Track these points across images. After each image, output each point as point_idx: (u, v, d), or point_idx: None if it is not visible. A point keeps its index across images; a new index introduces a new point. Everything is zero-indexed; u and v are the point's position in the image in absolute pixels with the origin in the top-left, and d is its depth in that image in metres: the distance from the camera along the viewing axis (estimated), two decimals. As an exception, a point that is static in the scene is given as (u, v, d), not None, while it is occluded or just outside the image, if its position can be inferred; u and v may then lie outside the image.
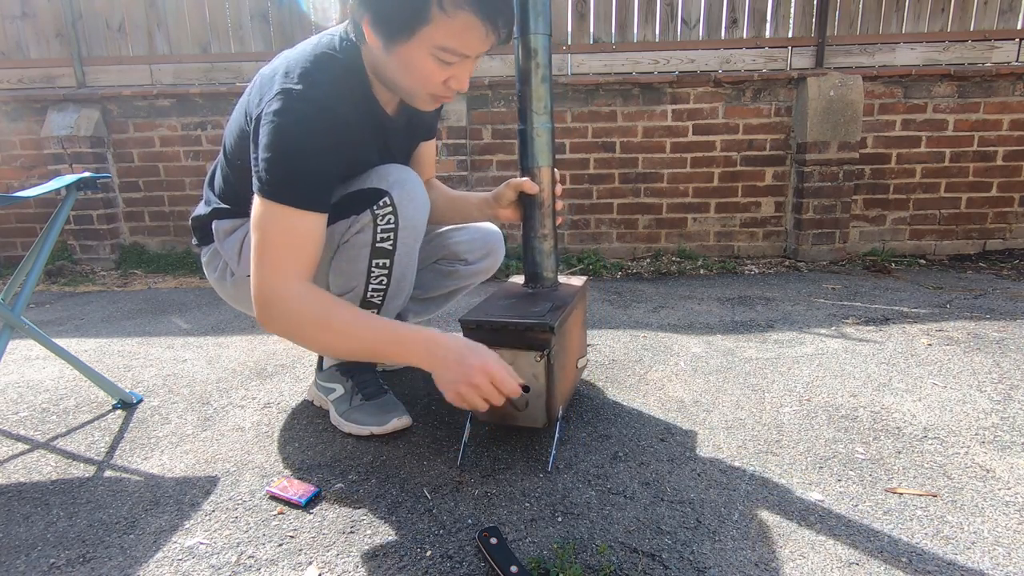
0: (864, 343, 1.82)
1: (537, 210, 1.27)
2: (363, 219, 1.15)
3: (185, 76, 3.24)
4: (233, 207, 1.27)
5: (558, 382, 1.16)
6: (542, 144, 1.23)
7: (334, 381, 1.35)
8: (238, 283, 1.31)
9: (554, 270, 1.33)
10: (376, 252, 1.18)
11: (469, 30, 1.00)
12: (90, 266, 3.27)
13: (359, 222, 1.16)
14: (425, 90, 1.09)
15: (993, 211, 3.18)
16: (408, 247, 1.21)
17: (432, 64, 1.04)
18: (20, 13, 3.19)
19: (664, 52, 3.14)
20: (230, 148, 1.22)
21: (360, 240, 1.17)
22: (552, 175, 1.27)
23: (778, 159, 3.16)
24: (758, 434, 1.27)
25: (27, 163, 3.28)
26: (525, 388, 1.11)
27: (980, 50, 3.08)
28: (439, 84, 1.07)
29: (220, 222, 1.30)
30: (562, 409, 1.20)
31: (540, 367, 1.10)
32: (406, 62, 1.05)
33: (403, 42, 1.02)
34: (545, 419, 1.14)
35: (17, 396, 1.56)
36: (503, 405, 1.13)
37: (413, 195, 1.18)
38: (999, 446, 1.20)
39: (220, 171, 1.29)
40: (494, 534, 0.92)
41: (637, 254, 3.30)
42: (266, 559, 0.91)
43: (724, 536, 0.94)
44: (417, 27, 1.00)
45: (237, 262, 1.28)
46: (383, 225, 1.16)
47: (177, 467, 1.19)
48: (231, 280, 1.33)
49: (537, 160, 1.24)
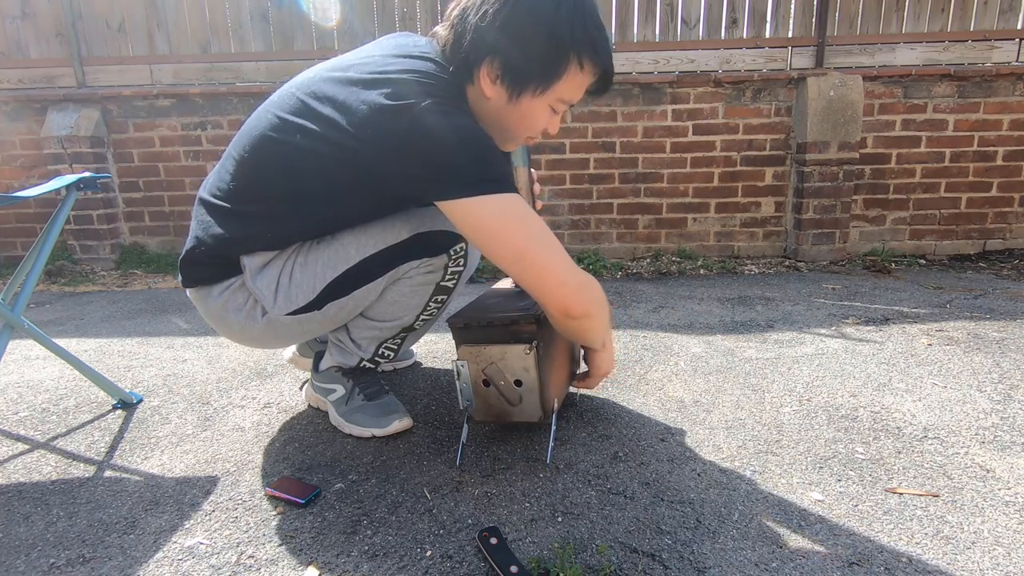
0: (864, 343, 1.82)
1: None
2: (437, 262, 1.15)
3: (185, 76, 3.24)
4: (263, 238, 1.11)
5: (550, 374, 1.16)
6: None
7: (334, 382, 1.34)
8: (274, 322, 1.15)
9: None
10: (438, 290, 1.20)
11: (586, 82, 1.03)
12: (90, 266, 3.27)
13: (431, 264, 1.15)
14: (527, 135, 1.09)
15: (993, 211, 3.18)
16: (462, 285, 1.25)
17: (546, 114, 1.05)
18: (20, 13, 3.19)
19: (664, 52, 3.14)
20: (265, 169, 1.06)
21: (426, 279, 1.17)
22: (529, 175, 1.26)
23: (778, 159, 3.16)
24: (758, 434, 1.27)
25: (27, 163, 3.29)
26: (517, 383, 1.12)
27: (980, 50, 3.08)
28: (539, 131, 1.09)
29: (250, 257, 1.12)
30: (558, 403, 1.20)
31: (530, 360, 1.10)
32: (528, 113, 1.03)
33: (534, 95, 1.01)
34: (540, 413, 1.14)
35: (17, 396, 1.56)
36: (498, 403, 1.14)
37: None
38: (999, 446, 1.20)
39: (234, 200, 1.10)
40: (494, 534, 0.92)
41: (637, 254, 3.30)
42: (266, 559, 0.91)
43: (724, 536, 0.94)
44: (553, 82, 1.00)
45: (273, 300, 1.12)
46: (453, 268, 1.17)
47: (177, 467, 1.19)
48: (264, 319, 1.15)
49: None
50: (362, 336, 1.25)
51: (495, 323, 1.12)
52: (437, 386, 1.56)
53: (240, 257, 1.12)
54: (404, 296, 1.18)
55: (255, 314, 1.15)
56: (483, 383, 1.15)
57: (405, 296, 1.18)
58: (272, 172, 1.06)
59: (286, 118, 1.02)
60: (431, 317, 1.25)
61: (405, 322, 1.22)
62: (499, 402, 1.15)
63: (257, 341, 1.23)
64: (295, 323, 1.16)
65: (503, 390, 1.13)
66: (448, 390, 1.53)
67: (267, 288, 1.12)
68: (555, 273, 0.99)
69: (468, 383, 1.15)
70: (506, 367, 1.12)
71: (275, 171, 1.05)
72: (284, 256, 1.13)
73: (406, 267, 1.14)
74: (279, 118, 1.04)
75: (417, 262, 1.14)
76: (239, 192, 1.09)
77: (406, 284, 1.17)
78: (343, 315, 1.19)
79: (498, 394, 1.14)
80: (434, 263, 1.15)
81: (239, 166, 1.09)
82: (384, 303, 1.19)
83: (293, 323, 1.16)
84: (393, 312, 1.20)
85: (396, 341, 1.28)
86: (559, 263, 0.98)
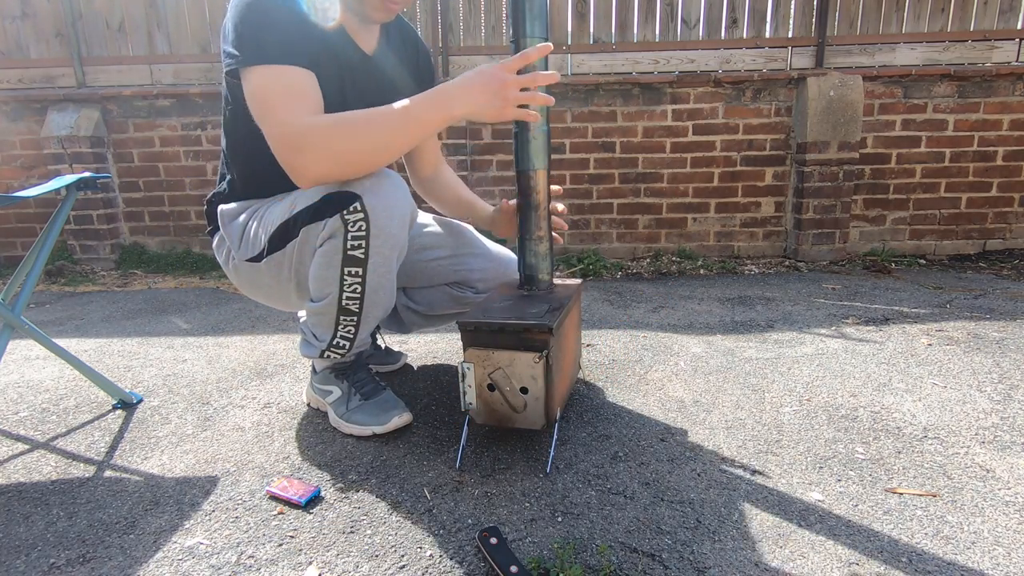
0: (864, 343, 1.82)
1: (533, 212, 1.27)
2: (332, 224, 1.11)
3: (185, 76, 3.24)
4: (236, 188, 1.29)
5: (556, 383, 1.15)
6: (538, 147, 1.22)
7: (329, 384, 1.34)
8: (239, 268, 1.30)
9: (549, 272, 1.33)
10: (347, 260, 1.14)
11: None
12: (90, 266, 3.28)
13: (328, 226, 1.12)
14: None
15: (993, 211, 3.18)
16: (383, 256, 1.15)
17: None
18: (20, 13, 3.19)
19: (664, 52, 3.14)
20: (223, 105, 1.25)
21: (331, 246, 1.14)
22: (547, 178, 1.26)
23: (778, 159, 3.16)
24: (758, 434, 1.27)
25: (27, 163, 3.29)
26: (523, 390, 1.11)
27: (980, 50, 3.08)
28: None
29: (225, 206, 1.30)
30: (560, 411, 1.20)
31: (539, 369, 1.09)
32: None
33: None
34: (544, 421, 1.13)
35: (17, 396, 1.56)
36: (502, 408, 1.13)
37: (389, 201, 1.12)
38: (999, 446, 1.20)
39: (223, 153, 1.31)
40: (494, 534, 0.92)
41: (637, 254, 3.30)
42: (266, 559, 0.91)
43: (724, 536, 0.94)
44: None
45: (238, 246, 1.28)
46: (354, 232, 1.11)
47: (177, 467, 1.19)
48: (233, 264, 1.32)
49: (533, 163, 1.23)
50: (313, 323, 1.26)
51: (507, 329, 1.11)
52: (437, 386, 1.56)
53: (218, 206, 1.31)
54: (321, 268, 1.17)
55: (229, 258, 1.33)
56: (488, 387, 1.14)
57: (322, 268, 1.17)
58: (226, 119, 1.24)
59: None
60: (358, 296, 1.18)
61: (333, 299, 1.19)
62: (503, 407, 1.14)
63: (240, 287, 1.37)
64: (251, 271, 1.29)
65: (508, 396, 1.13)
66: (448, 390, 1.53)
67: (235, 235, 1.28)
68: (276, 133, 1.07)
69: (472, 386, 1.14)
70: (513, 373, 1.11)
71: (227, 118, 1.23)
72: (253, 209, 1.28)
73: (314, 230, 1.15)
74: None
75: (320, 223, 1.13)
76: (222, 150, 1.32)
77: (320, 256, 1.16)
78: (284, 275, 1.26)
79: (502, 399, 1.13)
80: (330, 224, 1.12)
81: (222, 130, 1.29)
82: (312, 279, 1.20)
83: (250, 271, 1.29)
84: (320, 288, 1.19)
85: (346, 328, 1.23)
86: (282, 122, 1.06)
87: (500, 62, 1.07)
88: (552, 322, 1.09)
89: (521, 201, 1.27)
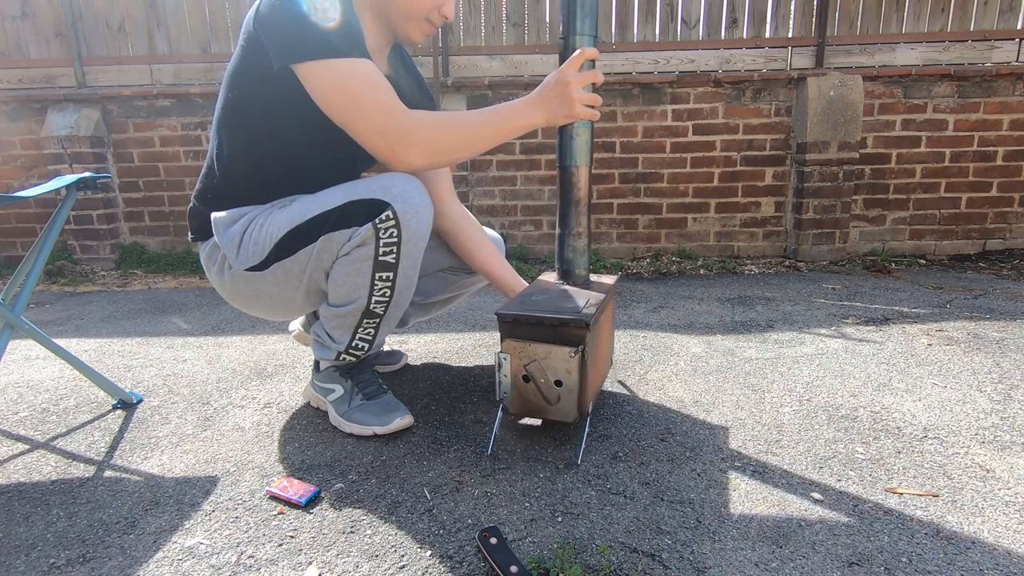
0: (864, 343, 1.82)
1: (573, 208, 1.30)
2: (364, 232, 1.13)
3: (185, 76, 3.25)
4: (230, 193, 1.25)
5: (590, 378, 1.17)
6: (581, 144, 1.26)
7: (332, 382, 1.34)
8: (236, 278, 1.25)
9: (587, 267, 1.36)
10: (379, 266, 1.17)
11: None
12: (90, 266, 3.28)
13: (359, 235, 1.13)
14: (420, 13, 1.19)
15: (993, 211, 3.18)
16: (412, 259, 1.19)
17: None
18: (20, 13, 3.19)
19: (664, 52, 3.14)
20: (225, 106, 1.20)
21: (361, 254, 1.15)
22: (589, 174, 1.29)
23: (778, 159, 3.16)
24: (758, 434, 1.27)
25: (27, 163, 3.29)
26: (558, 383, 1.13)
27: (980, 50, 3.08)
28: (434, 10, 1.19)
29: (218, 214, 1.25)
30: (591, 404, 1.21)
31: (574, 363, 1.11)
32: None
33: None
34: (576, 414, 1.15)
35: (17, 396, 1.56)
36: (535, 399, 1.15)
37: (417, 207, 1.15)
38: (999, 446, 1.20)
39: (212, 157, 1.26)
40: (494, 534, 0.92)
41: (637, 254, 3.30)
42: (266, 559, 0.91)
43: (724, 536, 0.94)
44: None
45: (236, 255, 1.23)
46: (385, 239, 1.14)
47: (177, 467, 1.19)
48: (229, 275, 1.26)
49: (576, 159, 1.27)
50: (331, 326, 1.26)
51: (545, 323, 1.13)
52: (437, 386, 1.56)
53: (211, 215, 1.26)
54: (349, 276, 1.18)
55: (224, 269, 1.27)
56: (523, 378, 1.16)
57: (350, 276, 1.18)
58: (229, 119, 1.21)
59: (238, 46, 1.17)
60: (387, 299, 1.21)
61: (360, 304, 1.20)
62: (536, 398, 1.16)
63: (232, 297, 1.32)
64: (252, 280, 1.24)
65: (542, 388, 1.15)
66: (448, 390, 1.53)
67: (231, 243, 1.23)
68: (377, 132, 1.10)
69: (508, 376, 1.17)
70: (548, 366, 1.13)
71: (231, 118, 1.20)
72: (250, 216, 1.23)
73: (338, 237, 1.15)
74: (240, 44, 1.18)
75: (347, 231, 1.14)
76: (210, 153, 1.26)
77: (347, 263, 1.17)
78: (292, 282, 1.23)
79: (536, 391, 1.15)
80: (362, 233, 1.13)
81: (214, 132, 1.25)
82: (335, 285, 1.20)
83: (250, 280, 1.24)
84: (346, 294, 1.20)
85: (367, 331, 1.25)
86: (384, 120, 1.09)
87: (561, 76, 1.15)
88: (589, 317, 1.11)
89: (562, 196, 1.29)
